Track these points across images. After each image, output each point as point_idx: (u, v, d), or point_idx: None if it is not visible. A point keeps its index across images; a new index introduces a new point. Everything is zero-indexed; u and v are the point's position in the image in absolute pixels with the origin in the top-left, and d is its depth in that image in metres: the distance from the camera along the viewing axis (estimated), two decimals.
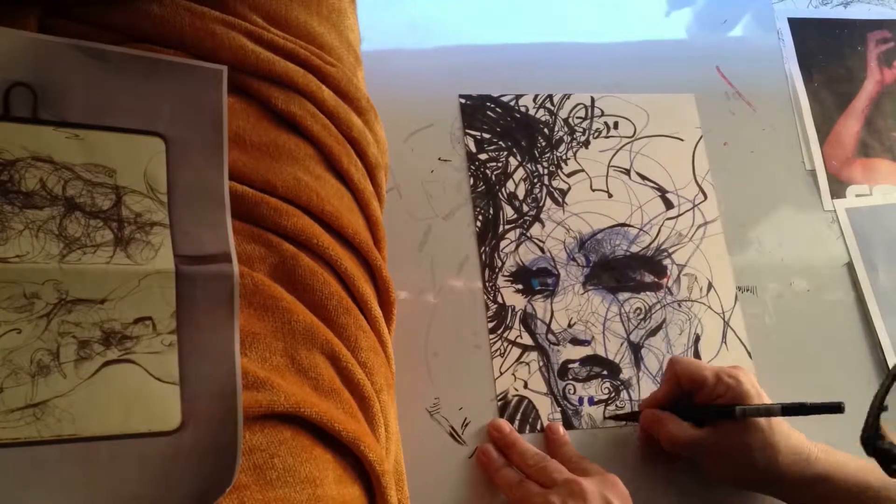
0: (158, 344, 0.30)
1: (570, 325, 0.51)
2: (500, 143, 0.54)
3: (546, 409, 0.48)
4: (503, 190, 0.53)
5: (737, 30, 0.63)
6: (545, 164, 0.54)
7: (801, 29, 0.64)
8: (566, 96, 0.57)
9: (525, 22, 0.59)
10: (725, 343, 0.53)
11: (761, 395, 0.43)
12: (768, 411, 0.41)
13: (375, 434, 0.35)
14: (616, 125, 0.57)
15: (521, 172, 0.54)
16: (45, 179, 0.30)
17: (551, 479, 0.41)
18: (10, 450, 0.27)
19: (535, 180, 0.54)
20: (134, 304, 0.30)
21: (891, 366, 0.54)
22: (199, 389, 0.30)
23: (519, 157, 0.54)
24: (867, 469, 0.40)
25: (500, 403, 0.47)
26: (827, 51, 0.64)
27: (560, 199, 0.54)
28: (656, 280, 0.53)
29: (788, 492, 0.42)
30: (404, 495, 0.38)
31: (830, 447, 0.43)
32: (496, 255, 0.51)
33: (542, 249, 0.52)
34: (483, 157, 0.53)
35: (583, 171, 0.55)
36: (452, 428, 0.46)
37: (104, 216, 0.31)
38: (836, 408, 0.40)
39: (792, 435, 0.42)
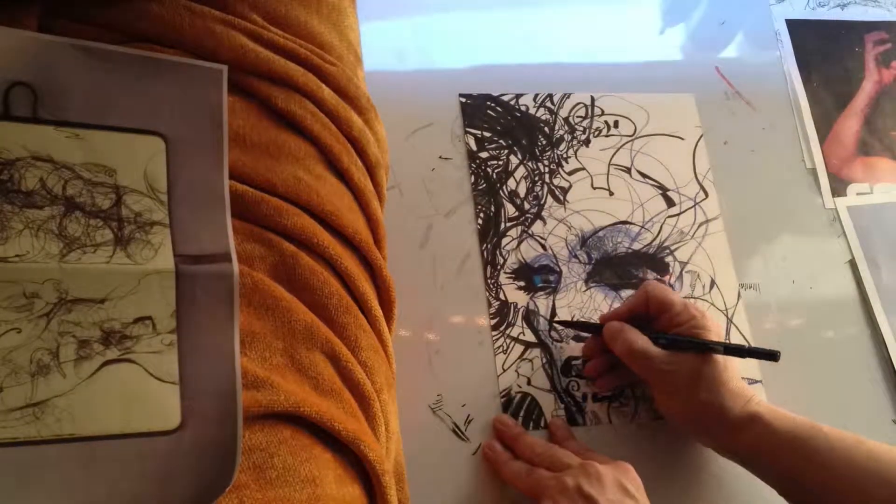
0: (158, 343, 0.30)
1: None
2: (501, 141, 0.54)
3: (549, 406, 0.48)
4: (504, 187, 0.53)
5: (735, 31, 0.64)
6: (546, 162, 0.54)
7: (799, 30, 0.64)
8: (566, 96, 0.57)
9: (525, 22, 0.59)
10: (729, 339, 0.53)
11: (720, 334, 0.44)
12: (708, 347, 0.42)
13: (376, 433, 0.35)
14: (616, 124, 0.57)
15: (521, 170, 0.53)
16: (45, 179, 0.30)
17: (563, 463, 0.41)
18: (10, 449, 0.27)
19: (536, 178, 0.53)
20: (134, 303, 0.30)
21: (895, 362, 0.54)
22: (198, 389, 0.30)
23: (520, 155, 0.54)
24: (797, 419, 0.41)
25: (503, 400, 0.47)
26: (825, 52, 0.64)
27: (561, 197, 0.53)
28: (659, 277, 0.53)
29: (724, 430, 0.42)
30: (405, 495, 0.38)
31: None
32: (498, 252, 0.51)
33: (543, 247, 0.52)
34: (484, 155, 0.53)
35: (584, 169, 0.55)
36: (455, 425, 0.46)
37: (104, 216, 0.31)
38: (772, 355, 0.42)
39: (739, 378, 0.43)
